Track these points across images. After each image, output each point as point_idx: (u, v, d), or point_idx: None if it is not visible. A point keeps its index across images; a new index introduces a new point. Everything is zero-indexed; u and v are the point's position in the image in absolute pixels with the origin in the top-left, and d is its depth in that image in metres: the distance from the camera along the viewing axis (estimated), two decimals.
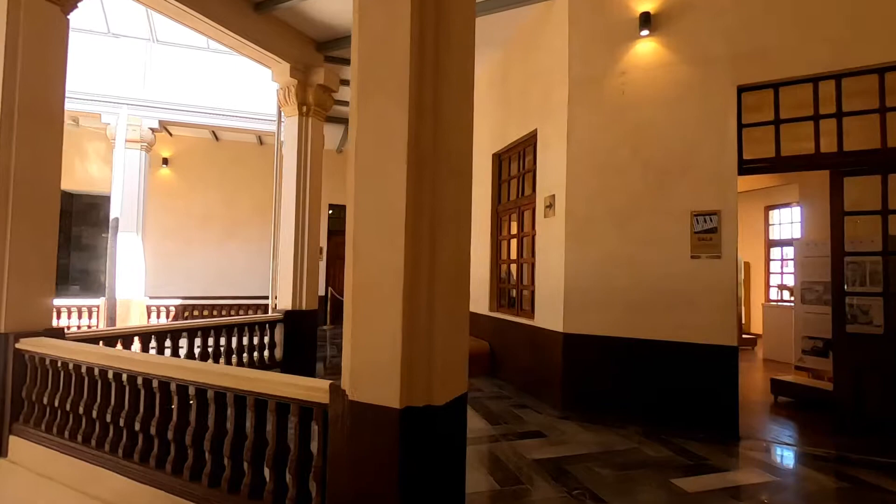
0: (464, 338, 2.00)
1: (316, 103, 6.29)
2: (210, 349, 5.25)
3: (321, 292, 11.67)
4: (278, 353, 6.03)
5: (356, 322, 1.86)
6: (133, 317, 7.78)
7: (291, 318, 6.09)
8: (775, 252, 10.72)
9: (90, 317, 8.00)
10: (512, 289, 6.29)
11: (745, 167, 4.18)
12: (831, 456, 3.68)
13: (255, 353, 5.76)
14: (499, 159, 6.73)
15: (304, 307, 6.16)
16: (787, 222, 10.51)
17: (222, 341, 5.39)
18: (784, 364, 7.52)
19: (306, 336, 6.21)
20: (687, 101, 4.33)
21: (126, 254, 7.26)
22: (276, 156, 6.38)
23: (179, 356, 4.91)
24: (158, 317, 8.54)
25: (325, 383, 2.06)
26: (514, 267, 6.25)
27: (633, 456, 3.64)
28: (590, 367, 4.64)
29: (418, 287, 1.79)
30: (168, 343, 4.80)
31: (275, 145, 6.39)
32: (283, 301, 6.15)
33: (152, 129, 8.27)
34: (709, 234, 4.17)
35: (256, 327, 5.77)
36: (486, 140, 6.88)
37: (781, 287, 9.63)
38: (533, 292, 5.52)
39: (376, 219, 1.83)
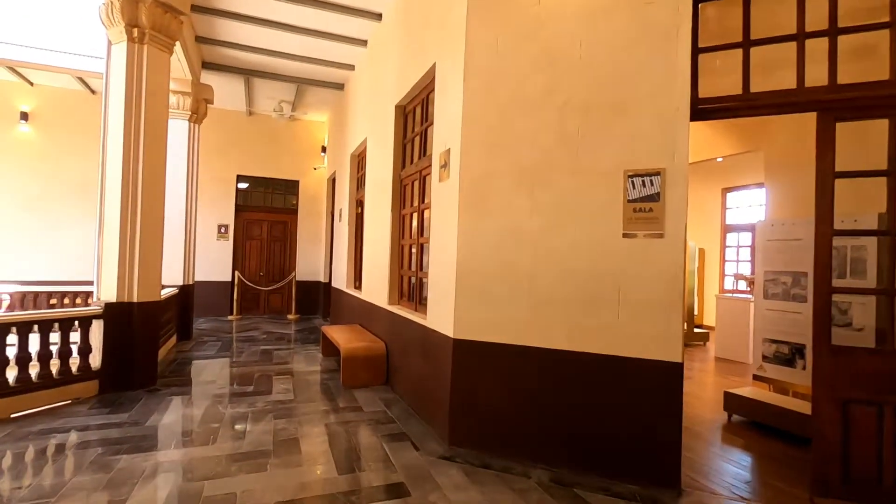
0: None
1: (152, 26, 4.69)
2: None
3: (226, 277, 10.07)
4: (95, 360, 4.52)
5: None
6: None
7: (116, 313, 4.57)
8: (731, 238, 9.85)
9: None
10: (412, 276, 4.96)
11: (702, 108, 2.94)
12: None
13: (55, 362, 4.24)
14: (403, 112, 5.33)
15: (135, 299, 4.65)
16: (746, 205, 9.63)
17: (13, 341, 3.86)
18: (737, 364, 6.57)
19: (140, 337, 4.70)
20: (622, 11, 3.04)
21: None
22: (103, 99, 4.76)
23: None
24: None
25: None
26: (415, 249, 4.90)
27: None
28: (487, 387, 3.37)
29: None
30: None
31: (103, 85, 4.76)
32: (108, 290, 4.62)
33: None
34: (648, 204, 2.93)
35: (57, 325, 4.23)
36: (391, 89, 5.46)
37: (738, 277, 8.72)
38: (427, 283, 4.21)
39: None
